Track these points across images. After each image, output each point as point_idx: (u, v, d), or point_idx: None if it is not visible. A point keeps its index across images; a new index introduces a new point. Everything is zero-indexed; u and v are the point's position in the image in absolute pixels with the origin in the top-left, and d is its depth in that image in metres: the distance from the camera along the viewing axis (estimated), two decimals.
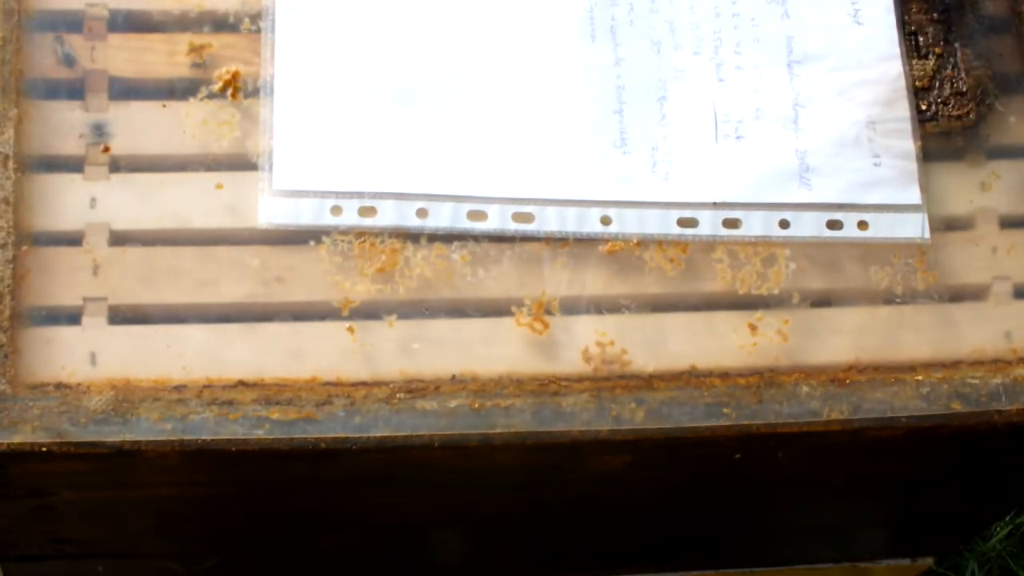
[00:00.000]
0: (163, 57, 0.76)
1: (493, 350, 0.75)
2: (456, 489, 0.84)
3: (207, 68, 0.76)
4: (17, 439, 0.69)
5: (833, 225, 0.79)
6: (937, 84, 0.82)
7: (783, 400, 0.75)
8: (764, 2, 0.82)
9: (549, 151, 0.77)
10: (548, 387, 0.74)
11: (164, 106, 0.75)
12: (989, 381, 0.77)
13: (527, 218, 0.76)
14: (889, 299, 0.78)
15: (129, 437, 0.70)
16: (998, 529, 1.38)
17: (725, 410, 0.74)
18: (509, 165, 0.77)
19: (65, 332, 0.72)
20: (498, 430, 0.72)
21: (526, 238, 0.77)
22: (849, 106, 0.80)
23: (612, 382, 0.75)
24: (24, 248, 0.73)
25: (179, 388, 0.72)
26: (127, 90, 0.75)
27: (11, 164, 0.73)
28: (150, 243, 0.74)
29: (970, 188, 0.81)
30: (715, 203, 0.78)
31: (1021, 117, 0.82)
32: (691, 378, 0.75)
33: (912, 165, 0.80)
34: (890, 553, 1.13)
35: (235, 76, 0.76)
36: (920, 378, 0.77)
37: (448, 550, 0.99)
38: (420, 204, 0.76)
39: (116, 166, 0.74)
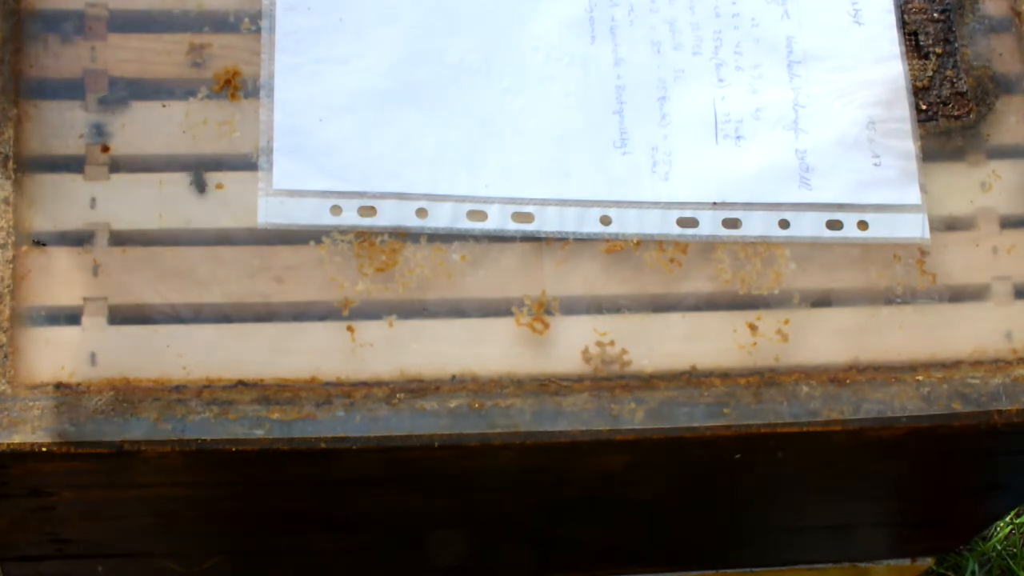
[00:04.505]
0: (163, 57, 0.76)
1: (493, 350, 0.75)
2: (456, 489, 0.84)
3: (207, 68, 0.76)
4: (17, 439, 0.69)
5: (833, 225, 0.79)
6: (937, 84, 0.82)
7: (783, 400, 0.75)
8: (764, 2, 0.82)
9: (549, 151, 0.77)
10: (548, 387, 0.74)
11: (164, 106, 0.75)
12: (989, 381, 0.77)
13: (527, 218, 0.76)
14: (889, 299, 0.78)
15: (129, 437, 0.70)
16: (998, 529, 1.38)
17: (725, 410, 0.74)
18: (509, 165, 0.77)
19: (65, 332, 0.72)
20: (498, 430, 0.72)
21: (526, 238, 0.77)
22: (849, 106, 0.80)
23: (612, 382, 0.75)
24: (24, 248, 0.73)
25: (179, 388, 0.72)
26: (127, 90, 0.75)
27: (11, 164, 0.73)
28: (150, 243, 0.74)
29: (970, 188, 0.81)
30: (715, 203, 0.78)
31: (1021, 117, 0.82)
32: (691, 378, 0.75)
33: (912, 165, 0.80)
34: (890, 553, 1.13)
35: (235, 76, 0.76)
36: (920, 378, 0.77)
37: (448, 550, 0.99)
38: (420, 204, 0.76)
39: (116, 166, 0.74)
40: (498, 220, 0.76)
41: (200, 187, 0.72)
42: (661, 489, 0.89)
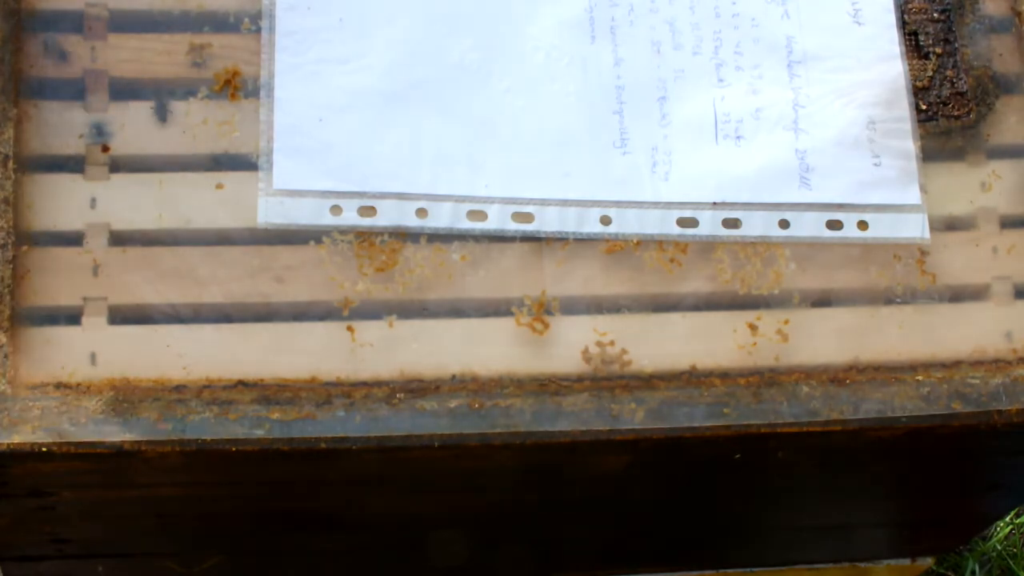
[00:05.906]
0: (163, 57, 0.76)
1: (493, 350, 0.75)
2: (456, 489, 0.84)
3: (207, 68, 0.76)
4: (17, 439, 0.69)
5: (833, 225, 0.79)
6: (937, 84, 0.82)
7: (783, 400, 0.75)
8: (764, 2, 0.82)
9: (549, 151, 0.77)
10: (548, 387, 0.74)
11: (164, 106, 0.75)
12: (989, 381, 0.77)
13: (527, 218, 0.76)
14: (889, 299, 0.78)
15: (129, 437, 0.70)
16: (998, 529, 1.38)
17: (725, 410, 0.74)
18: (509, 165, 0.77)
19: (65, 332, 0.72)
20: (498, 430, 0.72)
21: (526, 238, 0.77)
22: (849, 106, 0.80)
23: (612, 382, 0.75)
24: (24, 248, 0.73)
25: (179, 388, 0.72)
26: (127, 90, 0.75)
27: (11, 164, 0.73)
28: (150, 243, 0.74)
29: (970, 188, 0.81)
30: (715, 203, 0.78)
31: (1021, 117, 0.82)
32: (691, 378, 0.75)
33: (912, 165, 0.80)
34: (890, 553, 1.13)
35: (235, 76, 0.76)
36: (920, 378, 0.77)
37: (448, 550, 0.99)
38: (420, 204, 0.76)
39: (116, 166, 0.74)
40: (498, 220, 0.76)
41: (162, 116, 0.71)
42: (661, 489, 0.89)
